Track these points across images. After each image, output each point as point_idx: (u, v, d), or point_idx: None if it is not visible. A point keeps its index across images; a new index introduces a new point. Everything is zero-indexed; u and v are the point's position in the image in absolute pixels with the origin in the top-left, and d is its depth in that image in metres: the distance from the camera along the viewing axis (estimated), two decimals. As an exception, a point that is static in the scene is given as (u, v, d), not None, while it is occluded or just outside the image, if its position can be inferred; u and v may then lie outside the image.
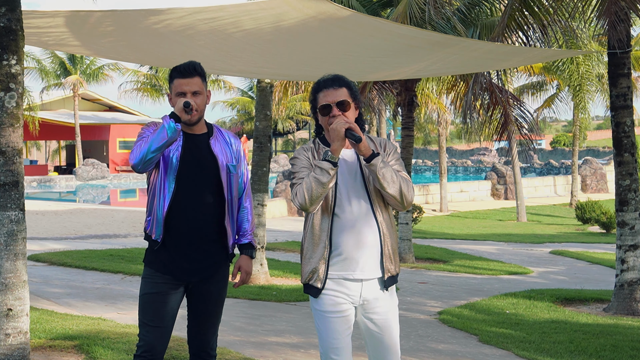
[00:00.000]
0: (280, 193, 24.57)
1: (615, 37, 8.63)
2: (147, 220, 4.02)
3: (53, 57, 42.46)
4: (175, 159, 3.95)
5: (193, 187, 3.96)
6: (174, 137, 3.84)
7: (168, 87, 4.10)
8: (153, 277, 3.99)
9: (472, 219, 25.48)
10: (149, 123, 4.06)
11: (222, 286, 4.13)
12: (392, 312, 3.71)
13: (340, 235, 3.60)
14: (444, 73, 12.64)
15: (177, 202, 3.93)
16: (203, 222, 3.98)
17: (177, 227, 3.94)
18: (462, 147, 71.57)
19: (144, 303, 3.99)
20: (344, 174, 3.65)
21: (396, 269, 3.69)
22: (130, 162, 3.89)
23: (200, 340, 4.11)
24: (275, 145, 59.06)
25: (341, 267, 3.62)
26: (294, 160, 3.72)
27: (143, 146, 3.85)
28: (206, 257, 4.01)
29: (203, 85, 4.00)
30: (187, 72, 3.97)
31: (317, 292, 3.64)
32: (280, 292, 9.52)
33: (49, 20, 6.41)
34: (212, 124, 4.17)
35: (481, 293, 10.19)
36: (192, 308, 4.11)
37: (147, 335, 3.96)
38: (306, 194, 3.52)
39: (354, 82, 3.84)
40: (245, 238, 4.17)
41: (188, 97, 3.95)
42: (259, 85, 10.72)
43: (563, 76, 26.31)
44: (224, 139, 4.11)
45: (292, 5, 6.40)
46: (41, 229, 17.87)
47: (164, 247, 3.96)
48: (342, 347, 3.64)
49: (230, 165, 4.05)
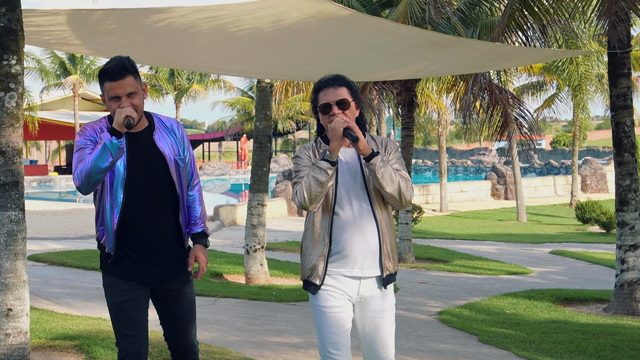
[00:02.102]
0: (280, 193, 24.56)
1: (616, 37, 8.63)
2: (100, 229, 3.83)
3: (53, 57, 42.48)
4: (122, 166, 3.74)
5: (144, 191, 3.79)
6: (118, 155, 3.62)
7: (100, 89, 3.79)
8: (118, 284, 3.82)
9: (472, 219, 25.48)
10: (84, 127, 3.79)
11: (189, 282, 3.99)
12: (388, 311, 3.74)
13: (339, 233, 3.63)
14: (444, 73, 12.64)
15: (129, 210, 3.76)
16: (159, 224, 3.82)
17: (133, 236, 3.78)
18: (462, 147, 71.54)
19: (117, 313, 3.84)
20: (345, 173, 3.68)
21: (394, 268, 3.72)
22: (75, 184, 3.65)
23: (183, 342, 4.02)
24: (275, 145, 59.07)
25: (340, 265, 3.65)
26: (295, 159, 3.75)
27: (86, 166, 3.59)
28: (167, 257, 3.86)
29: (137, 83, 3.72)
30: (117, 74, 3.67)
31: (315, 289, 3.68)
32: (280, 292, 9.51)
33: (49, 18, 6.40)
34: (152, 114, 3.93)
35: (481, 293, 10.19)
36: (165, 311, 3.98)
37: (128, 345, 3.82)
38: (305, 193, 3.55)
39: (354, 82, 3.84)
40: (197, 227, 3.97)
41: (123, 100, 3.67)
42: (259, 85, 10.72)
43: (563, 76, 26.32)
44: (166, 128, 3.90)
45: (293, 4, 6.40)
46: (41, 229, 17.88)
47: (124, 255, 3.81)
48: (340, 342, 3.66)
49: (178, 159, 3.86)
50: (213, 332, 6.87)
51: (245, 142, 49.03)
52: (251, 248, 10.47)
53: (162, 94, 49.32)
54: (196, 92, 49.36)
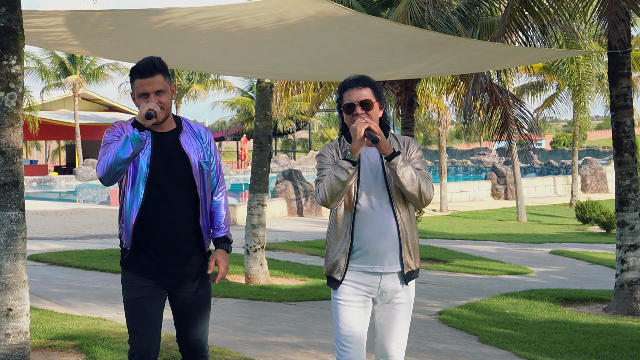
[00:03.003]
0: (280, 193, 24.55)
1: (616, 37, 8.63)
2: (121, 225, 3.93)
3: (53, 57, 42.48)
4: (145, 163, 3.82)
5: (165, 191, 3.84)
6: (140, 147, 3.70)
7: (130, 86, 3.91)
8: (134, 281, 3.88)
9: (472, 219, 25.47)
10: (113, 125, 3.89)
11: (206, 285, 4.03)
12: (405, 305, 3.87)
13: (361, 229, 3.74)
14: (444, 73, 12.64)
15: (149, 208, 3.82)
16: (179, 225, 3.87)
17: (152, 234, 3.84)
18: (462, 147, 71.55)
19: (130, 309, 3.89)
20: (367, 171, 3.78)
21: (416, 264, 3.82)
22: (98, 175, 3.74)
23: (194, 344, 4.04)
24: (275, 145, 59.06)
25: (361, 261, 3.76)
26: (319, 157, 3.85)
27: (109, 158, 3.70)
28: (186, 259, 3.91)
29: (166, 82, 3.83)
30: (147, 72, 3.79)
31: (337, 284, 3.79)
32: (280, 292, 9.51)
33: (49, 19, 6.40)
34: (181, 118, 4.03)
35: (481, 293, 10.19)
36: (179, 312, 4.01)
37: (139, 342, 3.86)
38: (327, 191, 3.66)
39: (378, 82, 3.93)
40: (220, 232, 4.04)
41: (151, 97, 3.78)
42: (259, 85, 10.72)
43: (563, 76, 26.31)
44: (194, 132, 3.97)
45: (293, 4, 6.40)
46: (41, 229, 17.87)
47: (138, 253, 3.86)
48: (354, 337, 3.76)
49: (203, 162, 3.92)
50: (213, 332, 6.85)
51: (245, 142, 48.98)
52: (251, 248, 10.47)
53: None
54: (196, 92, 49.37)
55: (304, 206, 24.32)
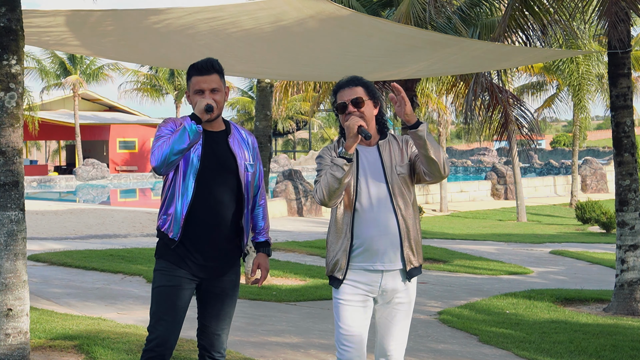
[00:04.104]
0: (280, 193, 24.55)
1: (616, 37, 8.63)
2: (163, 217, 3.99)
3: (53, 57, 42.49)
4: (196, 158, 3.94)
5: (213, 187, 3.96)
6: (196, 140, 3.84)
7: (186, 84, 4.08)
8: (169, 269, 3.96)
9: (472, 219, 25.48)
10: (166, 120, 4.04)
11: (235, 284, 4.12)
12: (406, 304, 3.87)
13: (361, 228, 3.76)
14: (445, 73, 12.64)
15: (197, 202, 3.93)
16: (222, 221, 3.98)
17: (196, 226, 3.94)
18: (462, 147, 71.55)
19: (159, 295, 3.95)
20: (366, 170, 3.81)
21: (419, 261, 3.85)
22: (152, 164, 3.86)
23: (214, 340, 4.10)
24: (275, 145, 59.08)
25: (362, 259, 3.78)
26: (318, 159, 3.90)
27: (164, 148, 3.82)
28: (222, 255, 4.01)
29: (221, 82, 4.00)
30: (205, 70, 3.95)
31: (338, 283, 3.81)
32: (280, 292, 9.52)
33: (49, 19, 6.40)
34: (229, 121, 4.17)
35: (481, 293, 10.19)
36: (205, 307, 4.08)
37: (160, 329, 3.91)
38: (324, 190, 3.71)
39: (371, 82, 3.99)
40: (261, 236, 4.20)
41: (206, 94, 3.94)
42: (259, 85, 10.72)
43: (563, 76, 26.31)
44: (241, 137, 4.12)
45: (292, 4, 6.40)
46: (41, 229, 17.87)
47: (181, 244, 3.95)
48: (355, 336, 3.77)
49: (248, 164, 4.07)
50: (213, 332, 6.86)
51: (245, 142, 48.93)
52: (251, 248, 10.46)
53: (162, 94, 49.30)
54: (196, 92, 49.30)
55: (304, 206, 24.34)
